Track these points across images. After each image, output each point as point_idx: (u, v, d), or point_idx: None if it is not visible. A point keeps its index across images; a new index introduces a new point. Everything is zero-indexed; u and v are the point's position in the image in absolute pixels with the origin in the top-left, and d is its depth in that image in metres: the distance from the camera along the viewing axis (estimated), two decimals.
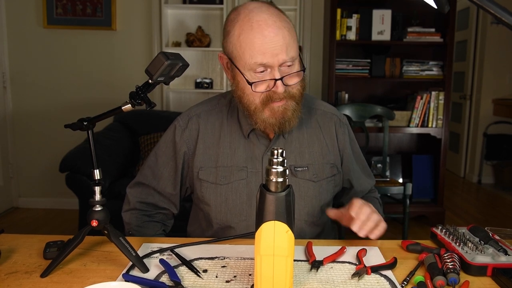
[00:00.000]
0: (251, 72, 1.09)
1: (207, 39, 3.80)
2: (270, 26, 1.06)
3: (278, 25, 1.07)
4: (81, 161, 2.78)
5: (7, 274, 0.93)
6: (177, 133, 1.27)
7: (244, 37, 1.08)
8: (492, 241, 1.03)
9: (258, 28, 1.06)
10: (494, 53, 4.95)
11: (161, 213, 1.33)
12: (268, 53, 1.06)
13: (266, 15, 1.08)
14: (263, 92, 1.10)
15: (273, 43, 1.06)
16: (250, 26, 1.07)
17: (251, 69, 1.09)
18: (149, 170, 1.31)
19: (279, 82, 1.08)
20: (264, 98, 1.11)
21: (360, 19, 3.55)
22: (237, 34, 1.09)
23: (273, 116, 1.13)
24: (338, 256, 1.02)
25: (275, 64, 1.07)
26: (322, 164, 1.26)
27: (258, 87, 1.10)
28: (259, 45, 1.06)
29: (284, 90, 1.10)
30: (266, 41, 1.06)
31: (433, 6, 0.77)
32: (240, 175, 1.22)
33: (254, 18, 1.07)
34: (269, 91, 1.10)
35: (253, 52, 1.07)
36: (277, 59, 1.07)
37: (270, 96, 1.10)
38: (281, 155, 0.79)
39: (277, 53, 1.06)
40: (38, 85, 3.89)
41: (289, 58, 1.08)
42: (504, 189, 4.94)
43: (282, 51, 1.06)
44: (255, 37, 1.06)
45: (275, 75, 1.08)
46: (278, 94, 1.09)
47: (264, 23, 1.07)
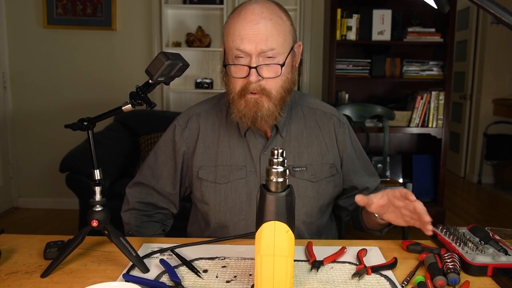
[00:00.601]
0: (232, 57, 1.12)
1: (207, 39, 3.80)
2: (255, 14, 1.09)
3: (264, 15, 1.10)
4: (81, 161, 2.78)
5: (7, 274, 0.93)
6: (177, 132, 1.27)
7: (231, 22, 1.13)
8: (492, 241, 1.03)
9: (244, 15, 1.10)
10: (494, 53, 4.95)
11: (160, 213, 1.33)
12: (246, 38, 1.08)
13: (259, 6, 1.11)
14: (241, 79, 1.12)
15: (252, 30, 1.08)
16: (238, 13, 1.12)
17: (232, 54, 1.12)
18: (148, 169, 1.31)
19: (252, 70, 1.09)
20: (241, 88, 1.13)
21: (360, 19, 3.55)
22: (228, 21, 1.14)
23: (246, 107, 1.13)
24: (339, 256, 1.02)
25: (252, 51, 1.09)
26: (321, 165, 1.25)
27: (234, 72, 1.12)
28: (239, 30, 1.09)
29: (257, 81, 1.10)
30: (246, 27, 1.09)
31: (433, 6, 0.77)
32: (240, 174, 1.22)
33: (245, 8, 1.12)
34: (246, 79, 1.11)
35: (234, 37, 1.10)
36: (254, 47, 1.08)
37: (246, 86, 1.12)
38: (281, 155, 0.79)
39: (255, 40, 1.08)
40: (38, 85, 3.89)
41: (267, 49, 1.09)
42: (504, 189, 4.94)
43: (261, 40, 1.08)
44: (237, 22, 1.10)
45: (252, 63, 1.10)
46: (252, 85, 1.10)
47: (250, 12, 1.10)
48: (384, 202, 1.08)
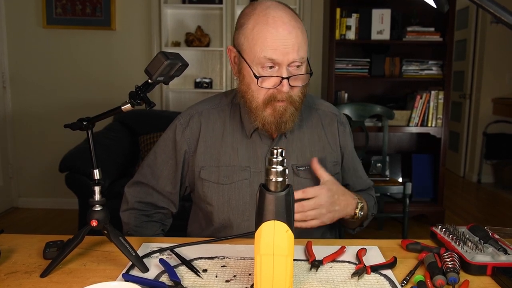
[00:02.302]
0: (259, 67, 1.10)
1: (207, 38, 3.80)
2: (285, 23, 1.07)
3: (293, 24, 1.08)
4: (80, 161, 2.78)
5: (7, 274, 0.93)
6: (178, 131, 1.26)
7: (258, 30, 1.08)
8: (492, 240, 1.03)
9: (273, 23, 1.07)
10: (493, 52, 4.95)
11: (160, 213, 1.33)
12: (279, 49, 1.06)
13: (283, 12, 1.09)
14: (269, 89, 1.11)
15: (285, 41, 1.06)
16: (265, 20, 1.08)
17: (259, 63, 1.09)
18: (148, 169, 1.30)
19: (285, 81, 1.08)
20: (268, 96, 1.11)
21: (359, 18, 3.55)
22: (251, 27, 1.09)
23: (272, 115, 1.13)
24: (338, 255, 1.02)
25: (284, 62, 1.07)
26: (324, 163, 1.26)
27: (264, 83, 1.10)
28: (271, 40, 1.06)
29: (288, 91, 1.10)
30: (279, 37, 1.06)
31: (433, 5, 0.77)
32: (243, 175, 1.21)
33: (271, 14, 1.08)
34: (274, 88, 1.10)
35: (264, 46, 1.07)
36: (287, 57, 1.07)
37: (274, 95, 1.11)
38: (281, 155, 0.79)
39: (288, 51, 1.06)
40: (38, 85, 3.89)
41: (299, 58, 1.08)
42: (504, 188, 4.94)
43: (293, 50, 1.07)
44: (268, 31, 1.06)
45: (283, 73, 1.08)
46: (282, 94, 1.09)
47: (279, 20, 1.07)
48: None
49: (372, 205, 1.35)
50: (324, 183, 1.14)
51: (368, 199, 1.33)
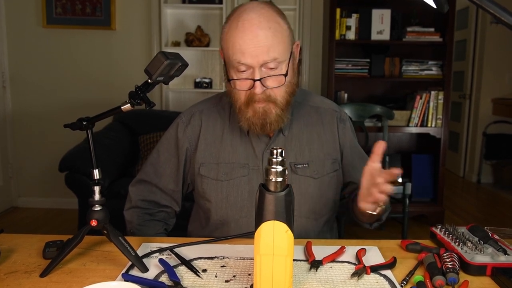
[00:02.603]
0: (234, 70, 1.12)
1: (207, 38, 3.80)
2: (253, 25, 1.07)
3: (262, 25, 1.08)
4: (80, 160, 2.78)
5: (6, 273, 0.93)
6: (180, 129, 1.28)
7: (229, 35, 1.11)
8: (491, 241, 1.03)
9: (242, 27, 1.08)
10: (493, 52, 4.95)
11: (163, 212, 1.33)
12: (247, 53, 1.07)
13: (255, 15, 1.09)
14: (245, 90, 1.12)
15: (252, 44, 1.07)
16: (236, 25, 1.10)
17: (234, 66, 1.11)
18: (151, 167, 1.32)
19: (257, 83, 1.09)
20: (247, 98, 1.13)
21: (359, 18, 3.55)
22: (226, 31, 1.12)
23: (254, 116, 1.14)
24: (338, 255, 1.02)
25: (254, 64, 1.08)
26: (323, 160, 1.26)
27: (238, 85, 1.12)
28: (239, 44, 1.08)
29: (263, 92, 1.10)
30: (246, 41, 1.07)
31: (433, 5, 0.77)
32: (242, 172, 1.22)
33: (242, 17, 1.09)
34: (250, 90, 1.11)
35: (234, 50, 1.09)
36: (257, 60, 1.08)
37: (251, 97, 1.12)
38: (281, 155, 0.79)
39: (256, 54, 1.07)
40: (38, 85, 3.89)
41: (270, 59, 1.08)
42: (504, 188, 4.94)
43: (262, 52, 1.07)
44: (237, 36, 1.08)
45: (255, 75, 1.09)
46: (257, 96, 1.10)
47: (248, 23, 1.08)
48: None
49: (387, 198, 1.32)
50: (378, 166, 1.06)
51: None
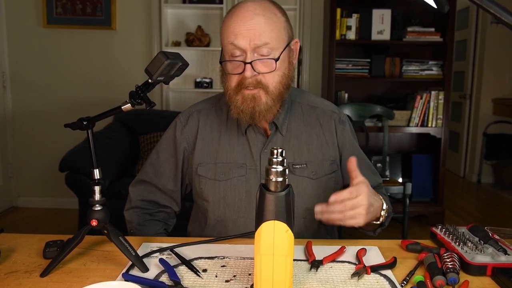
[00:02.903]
0: (228, 55, 1.14)
1: (207, 38, 3.80)
2: (248, 11, 1.11)
3: (257, 12, 1.11)
4: (80, 160, 2.78)
5: (6, 273, 0.93)
6: (178, 129, 1.29)
7: (225, 20, 1.15)
8: (491, 241, 1.03)
9: (237, 13, 1.12)
10: (494, 52, 4.95)
11: (163, 212, 1.34)
12: (240, 35, 1.10)
13: (252, 3, 1.13)
14: (236, 75, 1.13)
15: (246, 26, 1.10)
16: (233, 12, 1.14)
17: (227, 51, 1.14)
18: (150, 167, 1.32)
19: (247, 65, 1.10)
20: (237, 83, 1.13)
21: (359, 18, 3.55)
22: (224, 20, 1.16)
23: (244, 103, 1.14)
24: (338, 255, 1.02)
25: (246, 47, 1.10)
26: (322, 161, 1.25)
27: (229, 68, 1.14)
28: (233, 26, 1.11)
29: (253, 77, 1.11)
30: (240, 24, 1.10)
31: (433, 5, 0.77)
32: (239, 171, 1.22)
33: (239, 5, 1.14)
34: (240, 75, 1.12)
35: (228, 33, 1.12)
36: (248, 42, 1.09)
37: (242, 82, 1.12)
38: (281, 155, 0.79)
39: (249, 36, 1.09)
40: (38, 85, 3.89)
41: (261, 43, 1.09)
42: (504, 188, 4.94)
43: (254, 36, 1.09)
44: (231, 20, 1.12)
45: (247, 59, 1.10)
46: (248, 80, 1.11)
47: (244, 9, 1.12)
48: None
49: (389, 203, 1.32)
50: (362, 182, 1.03)
51: (385, 198, 1.29)
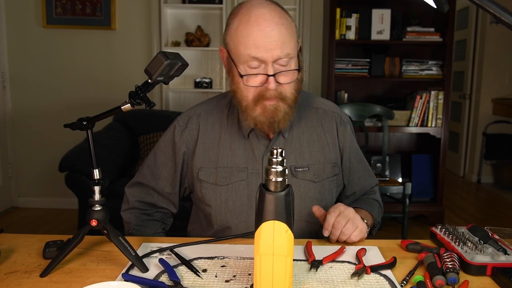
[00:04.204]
0: (245, 66, 1.09)
1: (207, 38, 3.80)
2: (267, 20, 1.07)
3: (276, 20, 1.07)
4: (80, 160, 2.78)
5: (6, 273, 0.93)
6: (177, 133, 1.26)
7: (241, 29, 1.08)
8: (491, 241, 1.03)
9: (255, 22, 1.07)
10: (493, 52, 4.95)
11: (160, 212, 1.33)
12: (262, 47, 1.06)
13: (266, 10, 1.08)
14: (256, 87, 1.10)
15: (268, 38, 1.06)
16: (248, 19, 1.08)
17: (245, 62, 1.09)
18: (148, 170, 1.30)
19: (271, 78, 1.07)
20: (256, 95, 1.11)
21: (359, 18, 3.55)
22: (235, 27, 1.10)
23: (263, 114, 1.12)
24: (338, 255, 1.02)
25: (268, 59, 1.07)
26: (323, 164, 1.25)
27: (250, 81, 1.10)
28: (254, 38, 1.06)
29: (276, 88, 1.09)
30: (261, 35, 1.06)
31: (433, 5, 0.77)
32: (241, 176, 1.21)
33: (253, 12, 1.08)
34: (261, 87, 1.09)
35: (247, 45, 1.07)
36: (271, 54, 1.06)
37: (262, 94, 1.10)
38: (281, 155, 0.79)
39: (271, 48, 1.06)
40: (38, 85, 3.89)
41: (284, 55, 1.07)
42: (504, 188, 4.94)
43: (277, 47, 1.06)
44: (251, 30, 1.07)
45: (268, 70, 1.08)
46: (270, 92, 1.09)
47: (261, 17, 1.07)
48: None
49: (377, 212, 1.33)
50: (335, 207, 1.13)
51: (372, 208, 1.31)
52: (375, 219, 1.30)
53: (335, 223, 1.09)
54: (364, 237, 1.13)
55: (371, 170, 1.40)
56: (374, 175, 1.41)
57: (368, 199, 1.36)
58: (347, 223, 1.09)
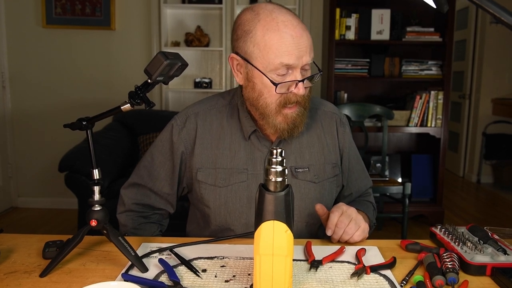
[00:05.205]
0: (273, 73, 1.08)
1: (206, 38, 3.80)
2: (295, 27, 1.06)
3: (302, 26, 1.08)
4: (80, 160, 2.78)
5: (6, 273, 0.93)
6: (175, 132, 1.24)
7: (269, 36, 1.06)
8: (491, 241, 1.03)
9: (285, 28, 1.05)
10: (493, 52, 4.95)
11: (157, 214, 1.32)
12: (295, 54, 1.05)
13: (290, 16, 1.08)
14: (283, 93, 1.09)
15: (299, 44, 1.06)
16: (275, 26, 1.06)
17: (274, 69, 1.07)
18: (145, 170, 1.28)
19: (300, 83, 1.08)
20: (280, 101, 1.10)
21: (359, 18, 3.55)
22: (261, 34, 1.07)
23: (285, 121, 1.12)
24: (337, 255, 1.02)
25: (298, 65, 1.07)
26: (324, 165, 1.25)
27: (281, 88, 1.09)
28: (286, 45, 1.05)
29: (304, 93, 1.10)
30: (293, 42, 1.05)
31: (432, 5, 0.77)
32: (241, 177, 1.20)
33: (279, 18, 1.06)
34: (288, 93, 1.09)
35: (279, 52, 1.05)
36: (302, 60, 1.07)
37: (288, 99, 1.10)
38: (280, 155, 0.79)
39: (302, 54, 1.06)
40: (37, 85, 3.89)
41: (310, 60, 1.09)
42: (503, 188, 4.95)
43: (306, 53, 1.07)
44: (282, 37, 1.05)
45: (297, 76, 1.07)
46: (297, 97, 1.09)
47: (290, 24, 1.06)
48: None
49: (372, 214, 1.34)
50: (337, 207, 1.13)
51: (367, 209, 1.32)
52: (371, 221, 1.30)
53: (339, 223, 1.09)
54: (366, 237, 1.13)
55: (367, 172, 1.41)
56: (369, 177, 1.42)
57: (363, 201, 1.37)
58: (350, 222, 1.09)
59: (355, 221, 1.10)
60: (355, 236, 1.10)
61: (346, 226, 1.09)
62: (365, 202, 1.36)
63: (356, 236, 1.10)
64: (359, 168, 1.37)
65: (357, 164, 1.36)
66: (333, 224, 1.09)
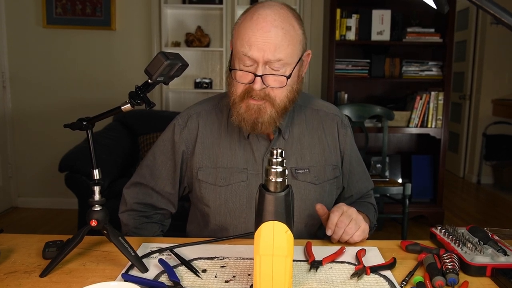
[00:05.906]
0: (239, 62, 1.10)
1: (207, 39, 3.80)
2: (267, 22, 1.06)
3: (276, 23, 1.06)
4: (80, 160, 2.78)
5: (6, 274, 0.93)
6: (176, 132, 1.26)
7: (242, 26, 1.10)
8: (491, 242, 1.03)
9: (255, 21, 1.07)
10: (493, 53, 4.95)
11: (159, 214, 1.32)
12: (254, 46, 1.06)
13: (272, 12, 1.08)
14: (244, 84, 1.10)
15: (262, 38, 1.06)
16: (250, 17, 1.09)
17: (240, 58, 1.10)
18: (147, 169, 1.29)
19: (257, 78, 1.07)
20: (243, 92, 1.11)
21: (359, 19, 3.55)
22: (240, 23, 1.12)
23: (247, 112, 1.12)
24: (338, 256, 1.02)
25: (259, 59, 1.07)
26: (324, 166, 1.25)
27: (239, 77, 1.11)
28: (249, 35, 1.07)
29: (262, 90, 1.09)
30: (256, 34, 1.06)
31: (433, 6, 0.77)
32: (241, 177, 1.20)
33: (258, 11, 1.08)
34: (248, 85, 1.10)
35: (243, 42, 1.08)
36: (262, 55, 1.06)
37: (249, 91, 1.10)
38: (280, 155, 0.79)
39: (264, 49, 1.06)
40: (38, 85, 3.89)
41: (275, 59, 1.06)
42: (503, 189, 4.94)
43: (269, 49, 1.06)
44: (248, 28, 1.07)
45: (258, 70, 1.08)
46: (256, 92, 1.09)
47: (262, 18, 1.07)
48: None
49: (373, 215, 1.34)
50: (338, 207, 1.13)
51: (368, 211, 1.32)
52: (372, 222, 1.30)
53: (339, 222, 1.09)
54: (366, 238, 1.13)
55: (368, 173, 1.41)
56: (370, 179, 1.41)
57: (364, 203, 1.36)
58: (350, 222, 1.09)
59: (355, 221, 1.10)
60: (355, 236, 1.10)
61: (346, 226, 1.09)
62: (366, 204, 1.36)
63: (356, 236, 1.10)
64: (360, 170, 1.37)
65: (358, 166, 1.36)
66: (333, 224, 1.09)
